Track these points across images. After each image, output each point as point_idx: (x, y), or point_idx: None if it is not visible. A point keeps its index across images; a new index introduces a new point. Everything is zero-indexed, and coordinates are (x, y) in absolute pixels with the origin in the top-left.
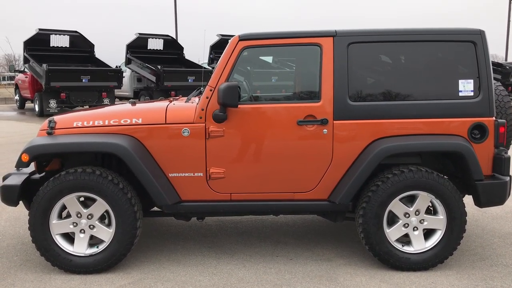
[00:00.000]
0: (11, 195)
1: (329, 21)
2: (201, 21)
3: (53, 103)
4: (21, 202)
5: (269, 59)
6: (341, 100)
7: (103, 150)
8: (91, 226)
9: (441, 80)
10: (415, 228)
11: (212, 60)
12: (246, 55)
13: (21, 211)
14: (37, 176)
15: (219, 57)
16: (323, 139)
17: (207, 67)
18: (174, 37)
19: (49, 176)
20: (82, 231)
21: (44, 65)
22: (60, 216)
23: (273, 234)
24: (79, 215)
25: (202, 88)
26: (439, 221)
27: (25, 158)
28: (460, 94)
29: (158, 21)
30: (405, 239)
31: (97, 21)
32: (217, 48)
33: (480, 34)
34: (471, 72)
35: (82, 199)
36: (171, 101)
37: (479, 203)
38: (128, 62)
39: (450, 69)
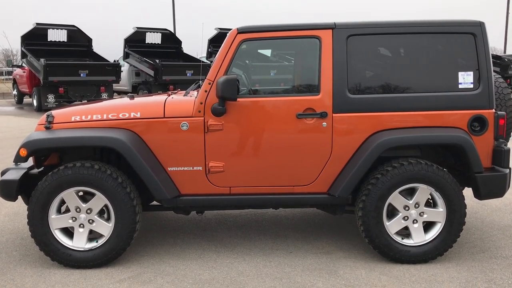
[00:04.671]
0: (10, 190)
1: (333, 16)
2: (199, 15)
3: (51, 98)
4: (19, 197)
5: (267, 52)
6: (341, 93)
7: (102, 145)
8: (90, 221)
9: (440, 72)
10: (415, 221)
11: (211, 53)
12: (244, 48)
13: (20, 206)
14: (35, 170)
15: (218, 50)
16: (322, 132)
17: (205, 60)
18: (172, 31)
19: (47, 171)
20: (81, 225)
21: (42, 60)
22: (59, 211)
23: (273, 228)
24: (78, 209)
25: (200, 82)
26: (439, 214)
27: (23, 152)
28: (460, 86)
29: (156, 14)
30: (405, 232)
31: (95, 15)
32: (216, 41)
33: (480, 26)
34: (470, 64)
35: (81, 193)
36: (169, 95)
37: (478, 195)
38: (126, 56)
39: (449, 61)
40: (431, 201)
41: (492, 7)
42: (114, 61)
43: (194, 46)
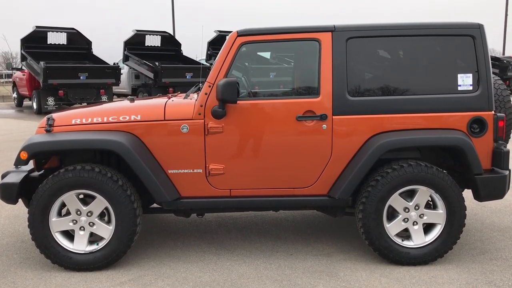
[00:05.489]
0: (10, 193)
1: (333, 18)
2: (198, 17)
3: (51, 101)
4: (20, 200)
5: (267, 55)
6: (340, 95)
7: (102, 147)
8: (91, 223)
9: (440, 75)
10: (415, 223)
11: (210, 56)
12: (244, 51)
13: (20, 209)
14: (36, 173)
15: (217, 53)
16: (322, 135)
17: (204, 63)
18: (172, 33)
19: (48, 174)
20: (82, 228)
21: (42, 63)
22: (59, 214)
23: (273, 230)
24: (78, 212)
25: (200, 84)
26: (439, 216)
27: (24, 155)
28: (459, 88)
29: (155, 16)
30: (405, 234)
31: (94, 17)
32: (215, 44)
33: (479, 28)
34: (470, 66)
35: (81, 196)
36: (169, 98)
37: (478, 197)
38: (125, 59)
39: (449, 63)
40: (431, 203)
41: (491, 8)
42: (114, 63)
43: (194, 48)
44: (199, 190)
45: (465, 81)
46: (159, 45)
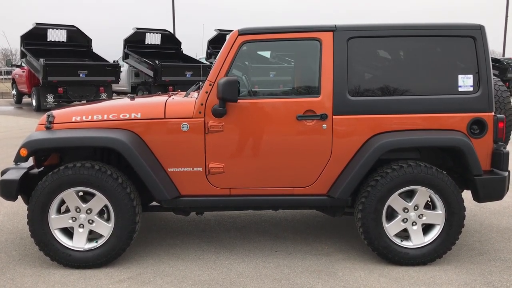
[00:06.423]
0: (10, 190)
1: (333, 17)
2: (199, 15)
3: (50, 98)
4: (19, 196)
5: (267, 54)
6: (341, 95)
7: (102, 145)
8: (90, 221)
9: (440, 75)
10: (414, 223)
11: (210, 55)
12: (245, 50)
13: (19, 206)
14: (35, 170)
15: (217, 52)
16: (322, 134)
17: (204, 62)
18: (172, 31)
19: (47, 171)
20: (81, 225)
21: (42, 60)
22: (59, 211)
23: (272, 229)
24: (78, 209)
25: (201, 83)
26: (438, 216)
27: (24, 152)
28: (460, 89)
29: (155, 15)
30: (404, 234)
31: (95, 15)
32: (215, 42)
33: (480, 29)
34: (470, 67)
35: (81, 193)
36: (170, 96)
37: (477, 198)
38: (125, 56)
39: (449, 64)
40: (430, 203)
41: (491, 9)
42: (114, 61)
43: (194, 46)
44: (198, 188)
45: (465, 82)
46: (159, 43)
